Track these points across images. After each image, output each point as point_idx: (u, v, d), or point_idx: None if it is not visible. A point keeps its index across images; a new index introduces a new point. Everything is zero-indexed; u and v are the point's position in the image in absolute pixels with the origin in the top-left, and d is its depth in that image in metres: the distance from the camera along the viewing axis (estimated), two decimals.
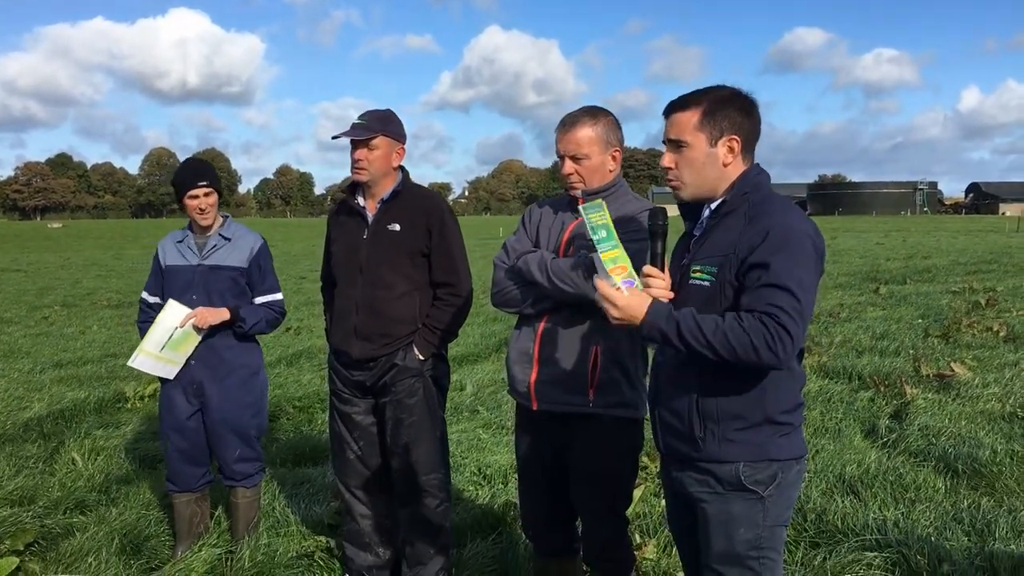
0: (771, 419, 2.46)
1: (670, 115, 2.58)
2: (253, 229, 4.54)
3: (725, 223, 2.50)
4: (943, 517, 4.48)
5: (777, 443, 2.48)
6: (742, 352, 2.27)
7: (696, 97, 2.54)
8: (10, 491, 5.18)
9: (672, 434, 2.59)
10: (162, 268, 4.40)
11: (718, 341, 2.28)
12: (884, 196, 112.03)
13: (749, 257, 2.37)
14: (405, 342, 3.88)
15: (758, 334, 2.25)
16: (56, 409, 7.33)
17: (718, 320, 2.31)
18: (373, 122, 3.82)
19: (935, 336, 9.87)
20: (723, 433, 2.47)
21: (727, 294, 2.42)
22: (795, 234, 2.38)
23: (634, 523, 4.53)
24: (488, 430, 6.53)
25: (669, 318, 2.35)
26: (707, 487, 2.54)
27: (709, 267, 2.46)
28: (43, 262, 30.84)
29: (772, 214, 2.43)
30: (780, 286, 2.29)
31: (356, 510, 4.11)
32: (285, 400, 7.52)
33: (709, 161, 2.52)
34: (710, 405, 2.48)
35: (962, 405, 6.70)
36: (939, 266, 19.97)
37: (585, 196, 3.14)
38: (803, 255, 2.36)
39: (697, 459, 2.53)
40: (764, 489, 2.47)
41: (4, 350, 10.85)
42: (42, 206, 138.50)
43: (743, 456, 2.47)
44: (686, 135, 2.52)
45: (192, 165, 4.39)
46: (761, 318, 2.27)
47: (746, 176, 2.54)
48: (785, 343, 2.24)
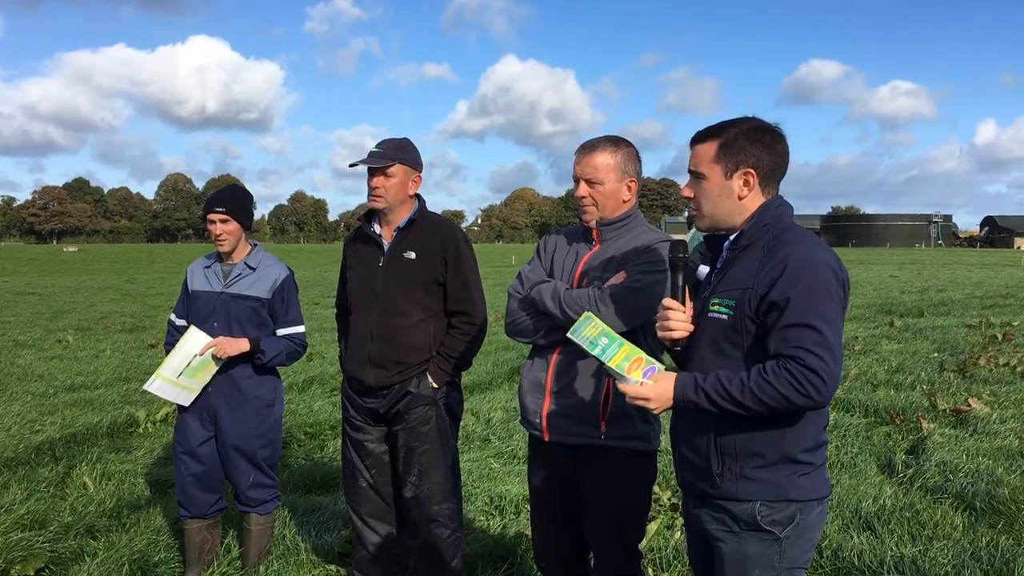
0: (791, 458, 2.40)
1: (693, 146, 2.58)
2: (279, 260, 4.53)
3: (744, 255, 2.47)
4: (961, 555, 4.41)
5: (796, 483, 2.41)
6: (776, 404, 2.25)
7: (717, 130, 2.54)
8: (21, 515, 5.16)
9: (690, 470, 2.56)
10: (189, 291, 4.42)
11: (749, 399, 2.27)
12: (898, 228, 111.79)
13: (769, 293, 2.32)
14: (419, 370, 3.88)
15: (784, 383, 2.22)
16: (68, 433, 7.33)
17: (743, 378, 2.29)
18: (390, 150, 3.84)
19: (951, 370, 9.79)
20: (740, 471, 2.42)
21: (748, 329, 2.39)
22: (814, 265, 2.33)
23: (648, 556, 4.49)
24: (500, 460, 6.49)
25: (697, 389, 2.35)
26: (723, 525, 2.48)
27: (727, 300, 2.43)
28: (58, 285, 31.01)
29: (789, 245, 2.39)
30: (802, 324, 2.25)
31: (367, 538, 4.08)
32: (296, 427, 7.50)
33: (724, 193, 2.51)
34: (728, 442, 2.43)
35: (979, 441, 6.63)
36: (954, 299, 19.85)
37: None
38: (823, 286, 2.31)
39: (714, 496, 2.48)
40: (781, 530, 2.41)
41: (18, 373, 10.87)
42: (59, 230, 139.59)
43: (760, 495, 2.41)
44: (703, 167, 2.53)
45: (219, 191, 4.41)
46: (786, 365, 2.23)
47: (766, 208, 2.51)
48: (816, 384, 2.21)
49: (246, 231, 4.36)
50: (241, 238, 4.33)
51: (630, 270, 3.07)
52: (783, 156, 2.55)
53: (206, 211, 4.27)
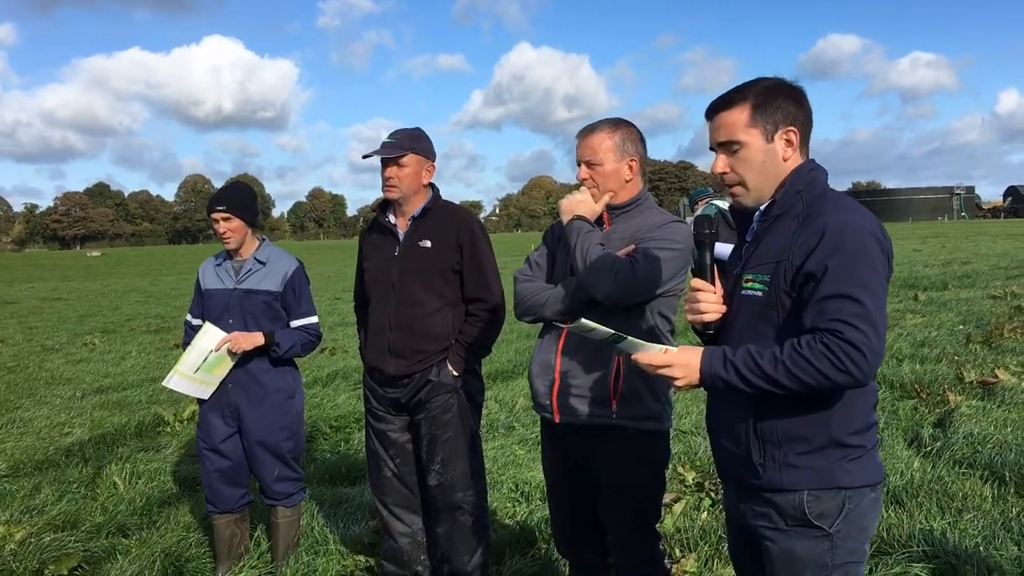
0: (839, 441, 2.21)
1: (715, 115, 2.35)
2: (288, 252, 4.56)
3: (777, 226, 2.28)
4: (991, 526, 4.39)
5: (846, 468, 2.21)
6: (813, 381, 2.07)
7: (741, 92, 2.32)
8: (54, 516, 5.24)
9: (730, 460, 2.38)
10: (202, 290, 4.46)
11: (783, 375, 2.09)
12: (920, 202, 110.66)
13: (805, 263, 2.14)
14: (439, 358, 3.88)
15: (822, 359, 2.04)
16: (97, 434, 7.42)
17: (776, 352, 2.11)
18: (403, 140, 3.85)
19: (977, 342, 9.70)
20: (784, 458, 2.24)
21: (784, 304, 2.21)
22: (854, 231, 2.13)
23: (674, 537, 4.49)
24: (524, 446, 6.50)
25: (726, 364, 2.17)
26: (769, 521, 2.30)
27: (761, 275, 2.25)
28: (83, 290, 31.33)
29: (827, 212, 2.19)
30: (841, 295, 2.07)
31: (394, 528, 4.10)
32: (321, 420, 7.55)
33: (769, 159, 2.30)
34: (769, 427, 2.25)
35: (1007, 411, 6.57)
36: (979, 271, 19.64)
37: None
38: (864, 254, 2.11)
39: (758, 487, 2.30)
40: (831, 524, 2.22)
41: (46, 377, 11.01)
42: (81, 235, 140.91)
43: (806, 483, 2.22)
44: (739, 134, 2.30)
45: (221, 190, 4.45)
46: (823, 339, 2.05)
47: (798, 173, 2.30)
48: (856, 360, 2.03)
49: (252, 227, 4.38)
50: (247, 234, 4.36)
51: (639, 247, 3.06)
52: (811, 113, 2.36)
53: (209, 211, 4.32)
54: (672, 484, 5.25)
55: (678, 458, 5.70)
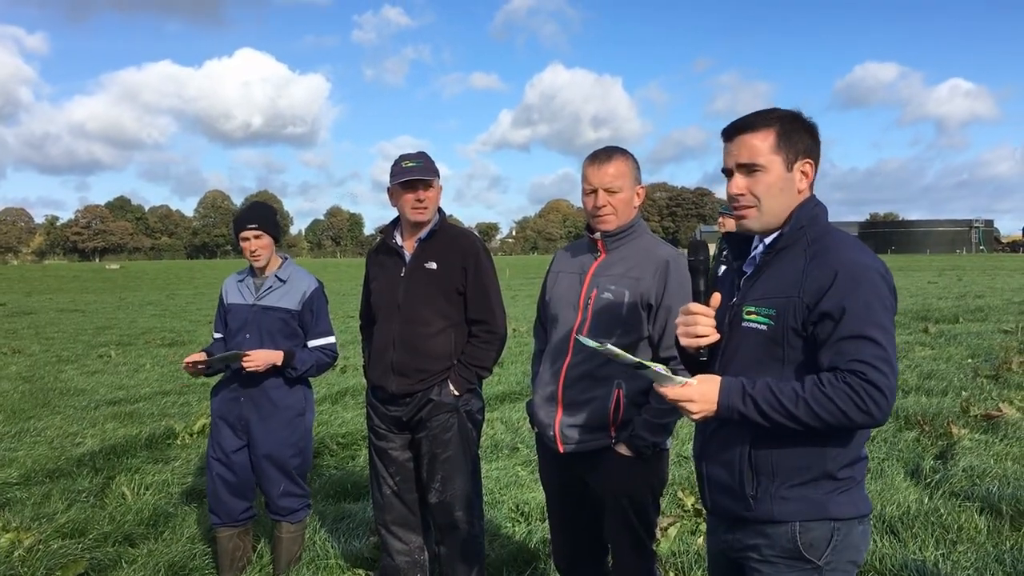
0: (830, 474, 2.24)
1: (736, 137, 2.35)
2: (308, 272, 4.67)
3: (781, 259, 2.30)
4: (984, 558, 4.42)
5: (836, 500, 2.24)
6: (832, 420, 2.08)
7: (765, 118, 2.34)
8: (62, 524, 5.34)
9: (720, 490, 2.37)
10: (224, 305, 4.58)
11: (803, 412, 2.09)
12: (939, 235, 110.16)
13: (819, 303, 2.15)
14: (441, 378, 3.98)
15: (844, 398, 2.06)
16: (108, 445, 7.53)
17: (797, 388, 2.11)
18: (429, 164, 3.99)
19: (984, 376, 9.70)
20: (777, 490, 2.25)
21: (791, 343, 2.22)
22: (866, 272, 2.17)
23: (669, 560, 4.54)
24: (527, 468, 6.56)
25: (744, 397, 2.16)
26: (758, 552, 2.30)
27: (766, 309, 2.25)
28: (101, 302, 31.62)
29: (836, 250, 2.22)
30: (860, 335, 2.09)
31: (392, 546, 4.18)
32: (329, 437, 7.63)
33: (786, 187, 2.32)
34: (764, 458, 2.26)
35: (1009, 445, 6.58)
36: (992, 305, 19.56)
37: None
38: (878, 296, 2.15)
39: (749, 519, 2.30)
40: (820, 556, 2.23)
41: (61, 388, 11.15)
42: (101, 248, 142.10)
43: (798, 515, 2.24)
44: (761, 158, 2.30)
45: (249, 207, 4.57)
46: (846, 378, 2.07)
47: (804, 208, 2.33)
48: (877, 400, 2.05)
49: (277, 244, 4.51)
50: (272, 251, 4.48)
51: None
52: (820, 149, 2.40)
53: (239, 229, 4.42)
54: (671, 508, 5.31)
55: (678, 483, 5.75)
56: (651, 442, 3.14)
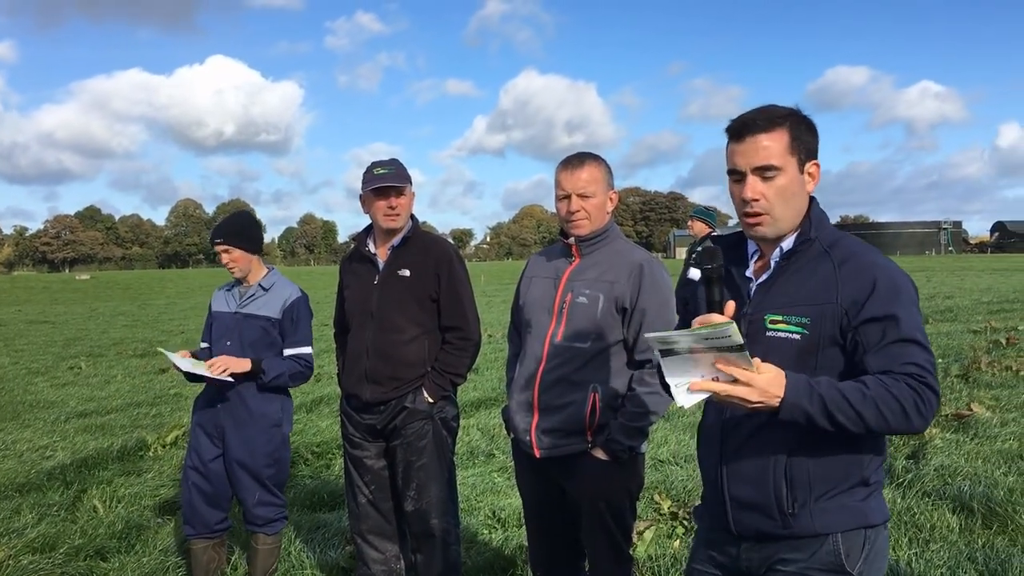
0: (866, 480, 2.17)
1: (748, 137, 2.19)
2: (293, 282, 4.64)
3: (800, 265, 2.21)
4: (957, 557, 4.47)
5: (871, 507, 2.17)
6: (894, 422, 2.00)
7: (777, 116, 2.20)
8: (32, 539, 5.26)
9: (747, 508, 2.23)
10: (211, 313, 4.58)
11: (869, 413, 1.99)
12: (908, 236, 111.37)
13: (863, 310, 2.08)
14: (415, 385, 3.97)
15: (909, 400, 1.99)
16: (79, 458, 7.44)
17: (863, 389, 2.00)
18: (401, 171, 3.99)
19: (954, 376, 9.81)
20: (815, 502, 2.14)
21: (827, 351, 2.12)
22: (902, 279, 2.14)
23: (645, 564, 4.55)
24: (503, 474, 6.56)
25: (811, 394, 2.00)
26: (792, 567, 2.18)
27: (798, 317, 2.14)
28: (71, 313, 31.25)
29: (863, 255, 2.17)
30: (911, 340, 2.05)
31: (367, 555, 4.16)
32: (303, 446, 7.58)
33: (799, 190, 2.21)
34: (801, 470, 2.14)
35: (979, 444, 6.66)
36: (961, 306, 19.82)
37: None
38: (914, 301, 2.13)
39: (784, 536, 2.17)
40: (855, 565, 2.14)
41: (31, 400, 11.01)
42: (71, 258, 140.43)
43: (840, 525, 2.14)
44: (776, 159, 2.17)
45: (220, 222, 4.55)
46: (907, 381, 2.01)
47: (816, 212, 2.26)
48: (933, 405, 2.02)
49: (256, 254, 4.48)
50: (251, 262, 4.45)
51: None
52: None
53: (211, 243, 4.46)
54: (647, 512, 5.32)
55: (654, 486, 5.77)
56: (627, 446, 3.15)
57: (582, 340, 3.19)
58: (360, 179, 4.02)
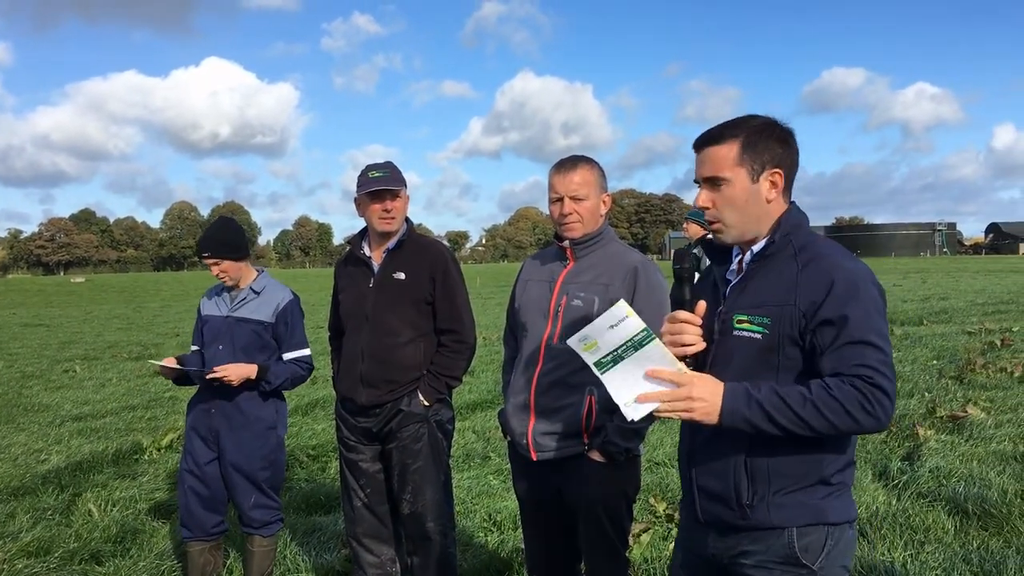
0: (826, 479, 2.23)
1: (703, 149, 2.33)
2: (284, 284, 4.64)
3: (769, 268, 2.29)
4: (952, 558, 4.47)
5: (831, 505, 2.24)
6: (840, 423, 2.06)
7: (731, 128, 2.31)
8: (27, 543, 5.25)
9: (713, 500, 2.33)
10: (201, 317, 4.57)
11: (810, 416, 2.06)
12: (903, 238, 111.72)
13: (819, 311, 2.14)
14: (410, 388, 3.97)
15: (853, 401, 2.04)
16: (74, 461, 7.43)
17: (804, 393, 2.08)
18: (396, 174, 3.98)
19: (949, 377, 9.84)
20: (773, 496, 2.23)
21: (786, 351, 2.19)
22: (862, 279, 2.17)
23: (641, 567, 4.55)
24: (499, 477, 6.56)
25: (750, 402, 2.10)
26: (752, 560, 2.28)
27: (760, 317, 2.22)
28: (66, 316, 31.19)
29: (829, 258, 2.22)
30: (864, 341, 2.09)
31: (363, 559, 4.16)
32: (299, 449, 7.58)
33: (752, 198, 2.29)
34: (760, 466, 2.23)
35: (974, 446, 6.68)
36: (956, 307, 19.87)
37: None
38: (874, 302, 2.15)
39: (743, 527, 2.28)
40: (815, 561, 2.21)
41: (25, 404, 10.99)
42: (66, 261, 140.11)
43: (795, 520, 2.22)
44: (725, 171, 2.28)
45: (204, 234, 4.51)
46: (853, 382, 2.06)
47: (790, 216, 2.32)
48: (883, 404, 2.05)
49: (244, 260, 4.47)
50: (241, 268, 4.44)
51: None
52: (797, 155, 2.37)
53: (199, 256, 4.44)
54: (643, 515, 5.32)
55: (650, 489, 5.77)
56: (624, 448, 3.15)
57: None
58: (356, 181, 4.02)
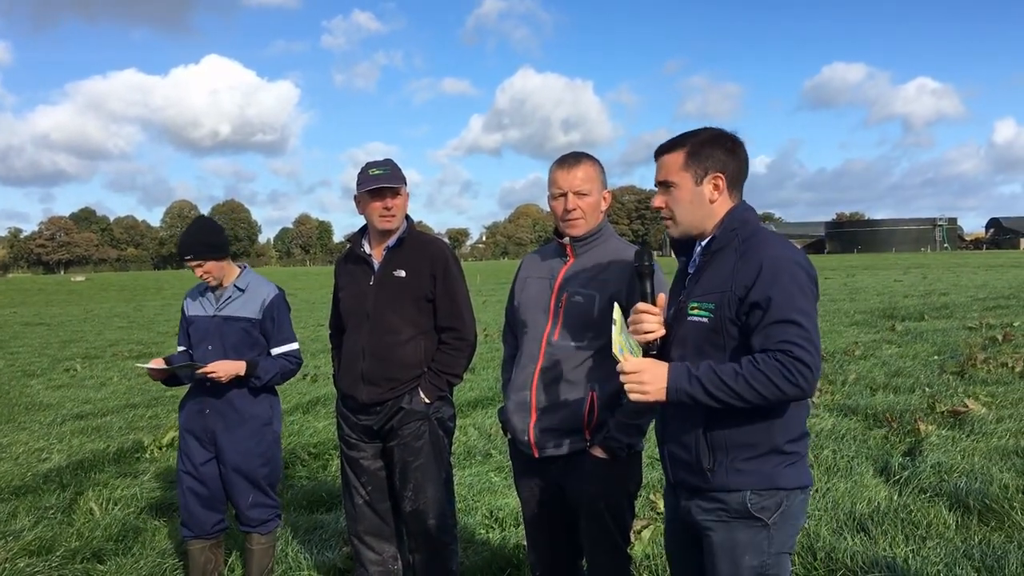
0: (778, 448, 2.53)
1: (659, 157, 2.70)
2: (270, 279, 4.63)
3: (717, 259, 2.59)
4: (953, 554, 4.47)
5: (784, 472, 2.54)
6: (767, 392, 2.35)
7: (681, 140, 2.67)
8: (29, 541, 5.25)
9: (681, 466, 2.65)
10: (186, 318, 4.54)
11: (741, 388, 2.36)
12: (903, 233, 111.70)
13: (748, 295, 2.45)
14: (411, 386, 3.96)
15: (776, 372, 2.33)
16: (75, 460, 7.43)
17: (735, 367, 2.39)
18: (395, 171, 3.97)
19: (950, 372, 9.84)
20: (731, 463, 2.53)
21: (729, 332, 2.51)
22: (786, 264, 2.46)
23: (642, 563, 4.55)
24: (500, 474, 6.55)
25: (691, 378, 2.42)
26: (713, 516, 2.59)
27: (706, 303, 2.54)
28: (66, 315, 31.21)
29: (761, 247, 2.52)
30: (785, 320, 2.38)
31: (365, 556, 4.16)
32: (300, 447, 7.58)
33: (696, 199, 2.63)
34: (718, 437, 2.54)
35: (975, 441, 6.67)
36: (957, 302, 19.86)
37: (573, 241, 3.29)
38: (798, 284, 2.44)
39: (706, 489, 2.59)
40: (769, 516, 2.53)
41: (26, 403, 10.99)
42: (66, 260, 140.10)
43: (750, 484, 2.53)
44: (673, 176, 2.64)
45: (184, 236, 4.46)
46: (776, 356, 2.35)
47: (733, 213, 2.63)
48: (804, 374, 2.33)
49: (226, 259, 4.45)
50: (223, 267, 4.44)
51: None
52: (745, 161, 2.69)
53: (182, 259, 4.41)
54: (644, 511, 5.32)
55: (652, 485, 5.77)
56: (626, 443, 3.16)
57: (578, 339, 3.20)
58: (356, 179, 4.01)
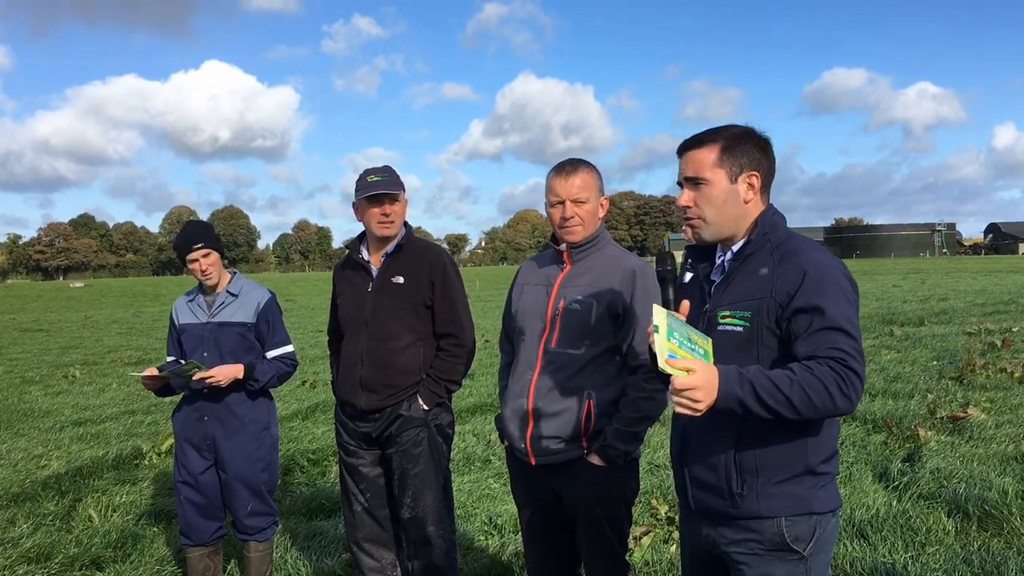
0: (812, 469, 2.35)
1: (685, 153, 2.51)
2: (266, 284, 4.64)
3: (749, 265, 2.43)
4: (953, 560, 4.47)
5: (817, 495, 2.36)
6: (820, 403, 2.15)
7: (712, 134, 2.48)
8: (27, 548, 5.25)
9: (704, 489, 2.46)
10: (177, 327, 4.53)
11: (796, 396, 2.14)
12: (902, 238, 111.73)
13: (792, 301, 2.28)
14: (410, 392, 3.96)
15: (832, 382, 2.15)
16: (74, 466, 7.42)
17: (789, 374, 2.17)
18: (395, 177, 3.97)
19: (949, 378, 9.83)
20: (762, 487, 2.35)
21: (766, 341, 2.33)
22: (833, 272, 2.31)
23: (642, 570, 4.55)
24: (499, 480, 6.54)
25: (742, 382, 2.17)
26: (743, 547, 2.40)
27: (741, 312, 2.37)
28: (65, 321, 31.19)
29: (802, 252, 2.37)
30: (836, 328, 2.21)
31: (364, 563, 4.15)
32: (299, 453, 7.57)
33: (730, 198, 2.45)
34: (749, 457, 2.35)
35: (975, 447, 6.67)
36: (956, 308, 19.86)
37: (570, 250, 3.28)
38: (844, 292, 2.29)
39: (734, 516, 2.39)
40: (805, 547, 2.34)
41: (25, 409, 10.99)
42: (65, 266, 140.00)
43: (784, 510, 2.34)
44: (705, 172, 2.45)
45: (188, 229, 4.48)
46: (830, 364, 2.17)
47: (765, 216, 2.47)
48: (856, 387, 2.17)
49: (222, 257, 4.48)
50: (221, 266, 4.45)
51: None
52: (774, 162, 2.54)
53: (187, 251, 4.35)
54: (644, 517, 5.31)
55: (651, 492, 5.77)
56: (623, 451, 3.15)
57: (576, 346, 3.19)
58: (355, 185, 4.02)
